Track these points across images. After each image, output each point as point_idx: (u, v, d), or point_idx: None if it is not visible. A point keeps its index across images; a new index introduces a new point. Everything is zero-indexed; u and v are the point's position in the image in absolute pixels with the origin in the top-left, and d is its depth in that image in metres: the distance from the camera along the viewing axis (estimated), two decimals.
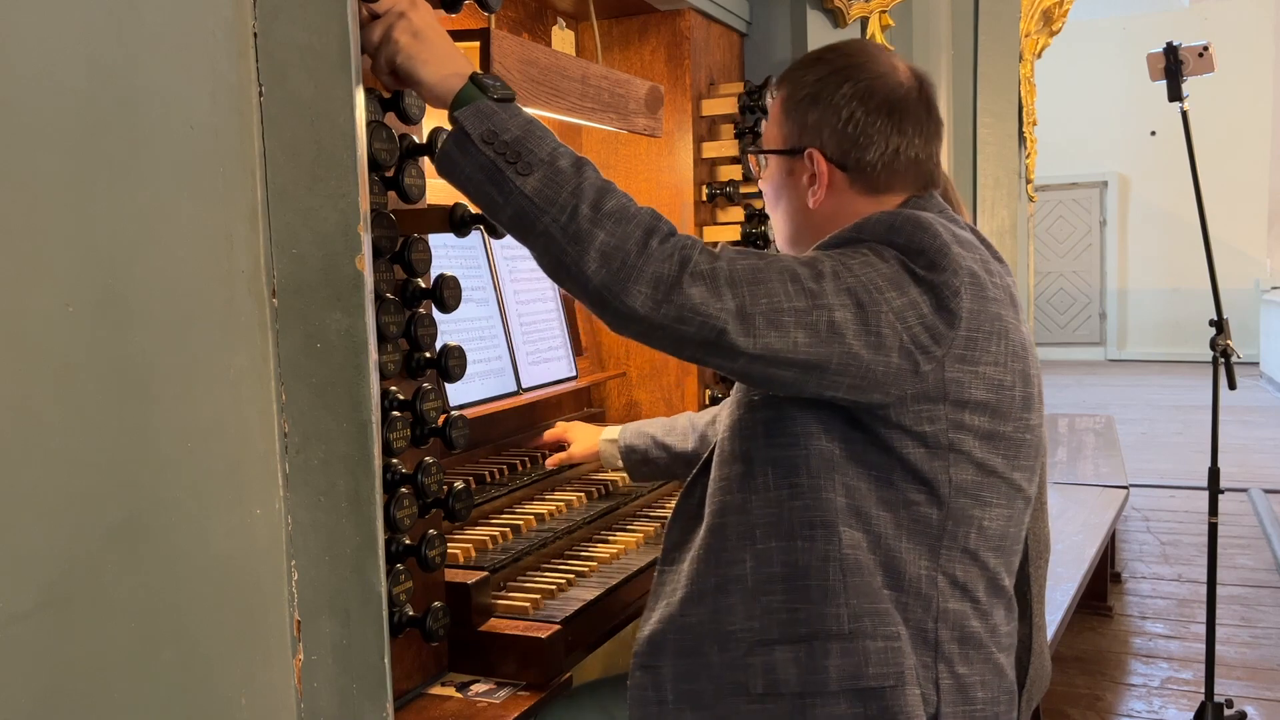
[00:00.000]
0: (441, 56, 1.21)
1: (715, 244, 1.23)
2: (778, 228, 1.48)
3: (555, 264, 1.17)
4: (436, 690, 1.39)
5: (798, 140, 1.39)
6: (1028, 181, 5.05)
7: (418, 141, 1.34)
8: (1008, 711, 1.34)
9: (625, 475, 1.97)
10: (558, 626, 1.44)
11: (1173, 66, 3.00)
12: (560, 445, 2.01)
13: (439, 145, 1.20)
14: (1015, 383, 1.28)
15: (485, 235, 1.78)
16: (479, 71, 1.21)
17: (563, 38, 2.29)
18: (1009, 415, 1.28)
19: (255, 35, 1.08)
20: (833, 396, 1.22)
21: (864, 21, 2.97)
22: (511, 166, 1.15)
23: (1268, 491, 6.15)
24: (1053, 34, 4.93)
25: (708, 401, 2.35)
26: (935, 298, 1.21)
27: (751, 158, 1.50)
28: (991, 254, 1.34)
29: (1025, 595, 1.90)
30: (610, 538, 1.82)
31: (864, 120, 1.35)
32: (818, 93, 1.37)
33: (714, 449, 1.39)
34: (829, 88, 1.36)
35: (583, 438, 1.96)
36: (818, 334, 1.17)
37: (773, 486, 1.29)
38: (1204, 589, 3.25)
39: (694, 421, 1.86)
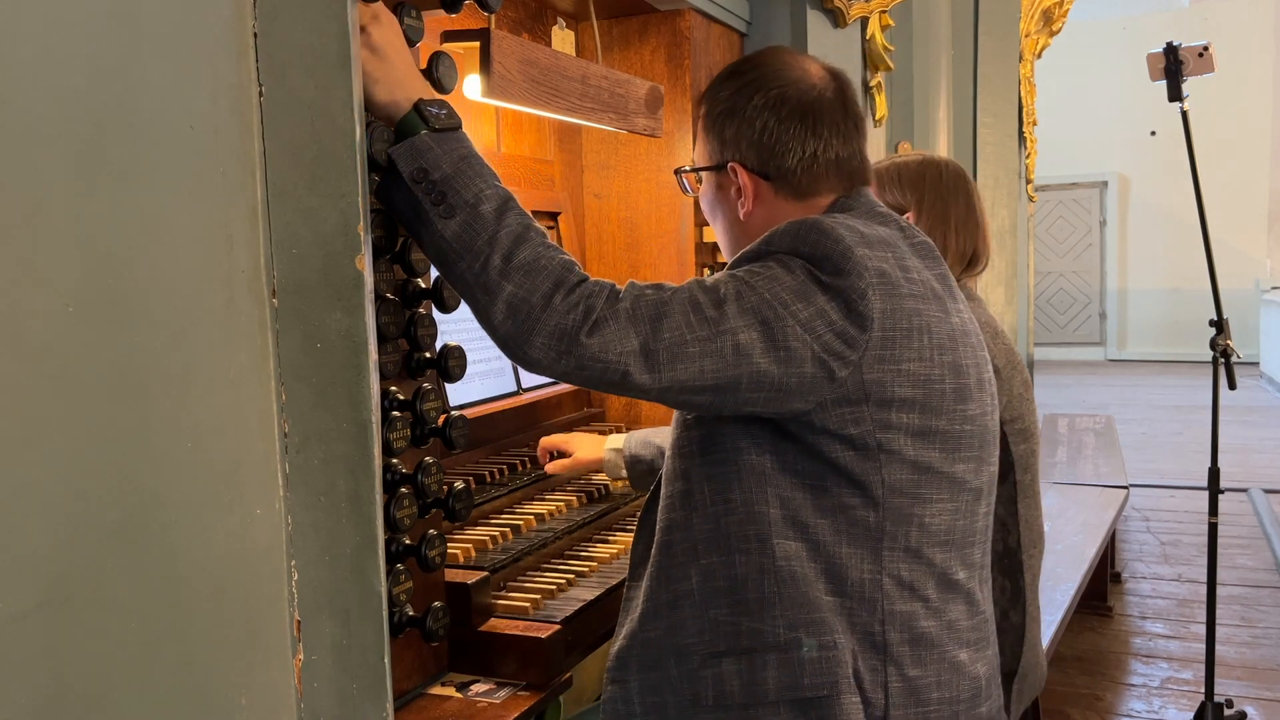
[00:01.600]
0: (394, 78, 1.21)
1: (623, 285, 1.24)
2: (720, 241, 1.50)
3: (471, 306, 1.22)
4: (436, 690, 1.39)
5: (720, 155, 1.41)
6: (1028, 181, 5.06)
7: None
8: (970, 709, 1.34)
9: (616, 481, 1.95)
10: (558, 626, 1.44)
11: (1173, 66, 3.00)
12: (560, 452, 1.98)
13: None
14: (944, 375, 1.29)
15: None
16: (424, 99, 1.21)
17: (563, 38, 2.29)
18: (940, 409, 1.29)
19: (255, 35, 1.08)
20: (752, 411, 1.25)
21: (864, 21, 2.97)
22: (435, 209, 1.18)
23: (1268, 491, 6.15)
24: (1053, 34, 4.94)
25: None
26: (843, 302, 1.23)
27: (688, 175, 1.52)
28: (915, 248, 1.34)
29: (1019, 584, 1.91)
30: (610, 538, 1.82)
31: (777, 128, 1.36)
32: (732, 107, 1.39)
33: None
34: (741, 101, 1.38)
35: (585, 447, 1.94)
36: (724, 359, 1.19)
37: (710, 503, 1.31)
38: (1204, 589, 3.25)
39: None
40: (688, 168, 1.51)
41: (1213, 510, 3.08)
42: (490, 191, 1.20)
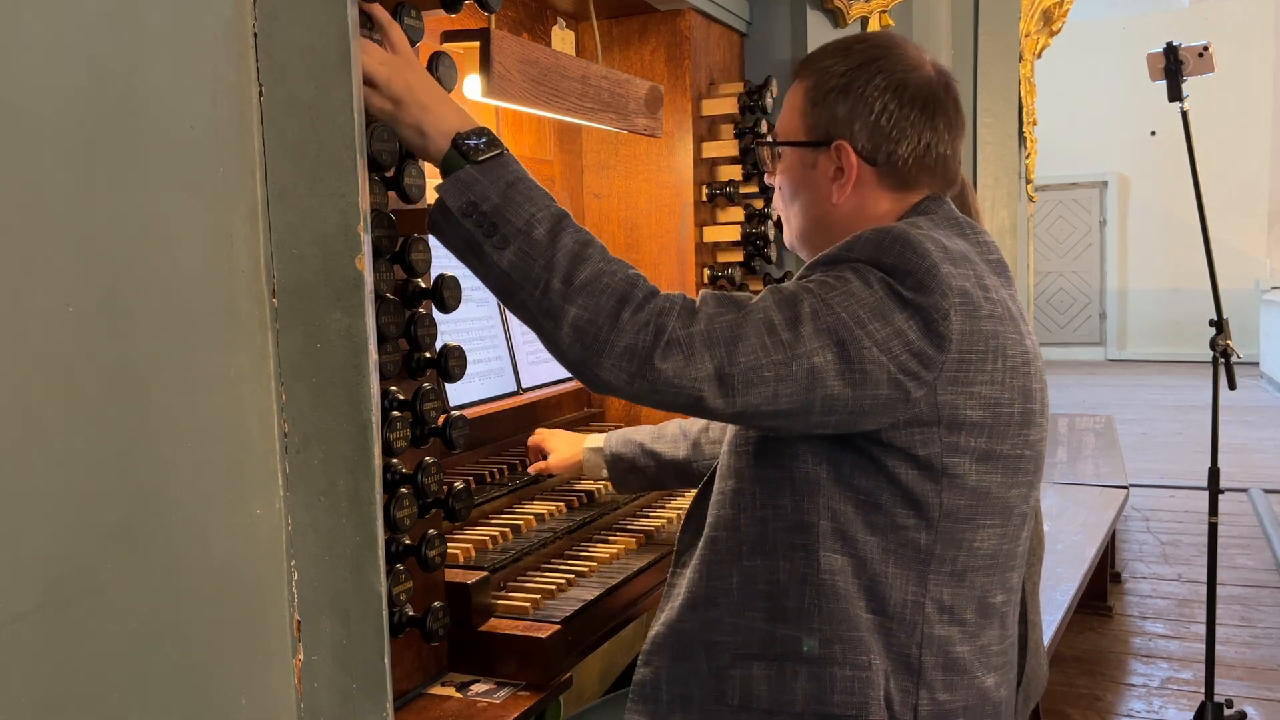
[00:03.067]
0: (423, 120, 1.20)
1: (696, 298, 1.21)
2: (792, 223, 1.43)
3: (539, 336, 1.20)
4: (436, 690, 1.39)
5: (825, 132, 1.34)
6: (1028, 181, 5.05)
7: None
8: None
9: (598, 482, 1.93)
10: (558, 626, 1.44)
11: (1173, 66, 3.00)
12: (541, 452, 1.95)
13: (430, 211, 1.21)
14: (1014, 399, 1.26)
15: None
16: (460, 133, 1.20)
17: (563, 38, 2.29)
18: (1006, 434, 1.26)
19: (255, 35, 1.08)
20: (823, 432, 1.22)
21: (864, 21, 2.97)
22: (489, 240, 1.16)
23: (1268, 491, 6.14)
24: (1053, 34, 4.93)
25: None
26: (923, 321, 1.19)
27: (765, 150, 1.44)
28: (991, 266, 1.31)
29: (1020, 593, 1.90)
30: (610, 538, 1.82)
31: (898, 114, 1.31)
32: (849, 84, 1.32)
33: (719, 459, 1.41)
34: (861, 79, 1.32)
35: (562, 446, 1.90)
36: (798, 383, 1.16)
37: (759, 506, 1.29)
38: (1204, 589, 3.25)
39: (684, 429, 1.81)
40: (779, 140, 1.41)
41: (1213, 510, 3.08)
42: (542, 214, 1.17)
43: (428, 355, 1.33)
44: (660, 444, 1.81)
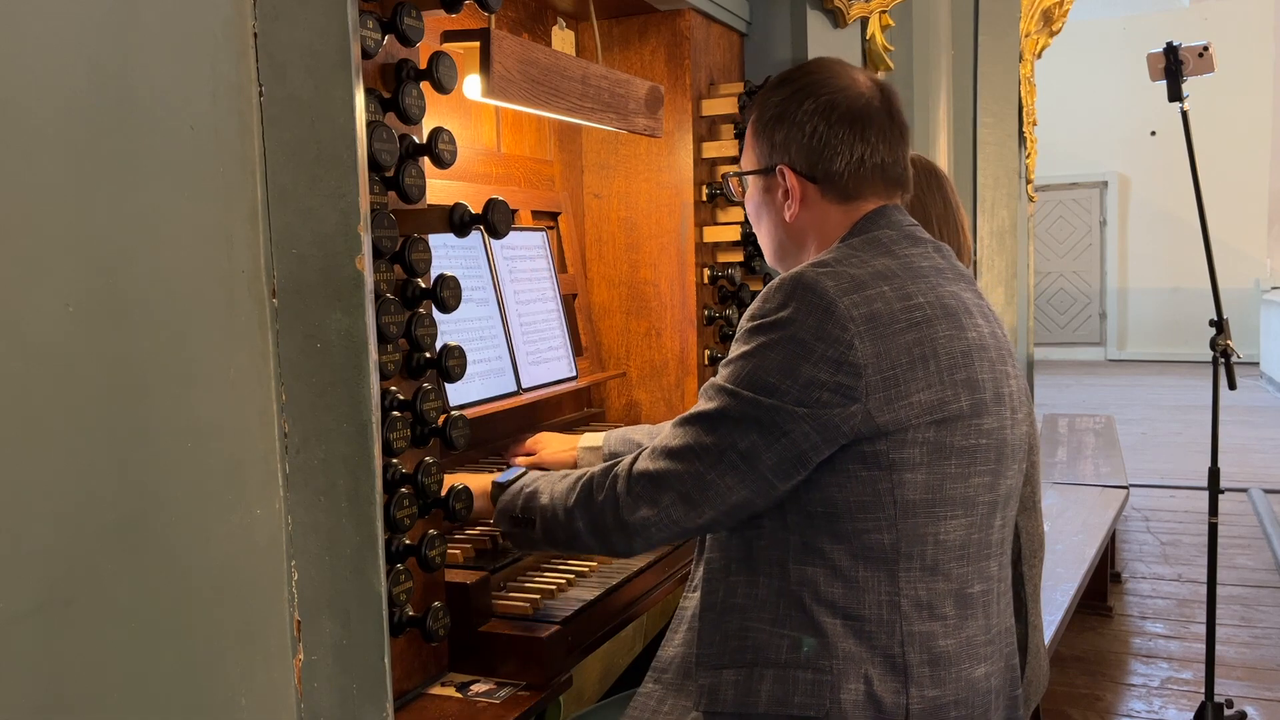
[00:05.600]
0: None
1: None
2: (763, 244, 1.56)
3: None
4: (436, 690, 1.39)
5: (769, 159, 1.47)
6: (1028, 181, 5.06)
7: (418, 142, 1.34)
8: None
9: None
10: (558, 626, 1.44)
11: (1173, 66, 3.00)
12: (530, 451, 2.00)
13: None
14: (959, 394, 1.30)
15: (485, 235, 1.78)
16: (496, 484, 1.55)
17: (563, 38, 2.29)
18: (956, 427, 1.30)
19: (255, 35, 1.08)
20: (795, 483, 1.30)
21: (864, 21, 2.97)
22: (525, 530, 1.48)
23: (1268, 491, 6.14)
24: (1053, 34, 4.94)
25: None
26: (831, 359, 1.26)
27: (734, 180, 1.59)
28: (928, 270, 1.36)
29: (1020, 595, 1.90)
30: None
31: (826, 133, 1.41)
32: (782, 113, 1.45)
33: None
34: (792, 106, 1.44)
35: (553, 445, 1.97)
36: (738, 471, 1.29)
37: (744, 525, 1.36)
38: (1204, 589, 3.25)
39: None
40: (735, 172, 1.57)
41: (1213, 510, 3.08)
42: (541, 504, 1.45)
43: (428, 355, 1.33)
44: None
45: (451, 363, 1.34)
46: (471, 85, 1.63)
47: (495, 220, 1.40)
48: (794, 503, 1.31)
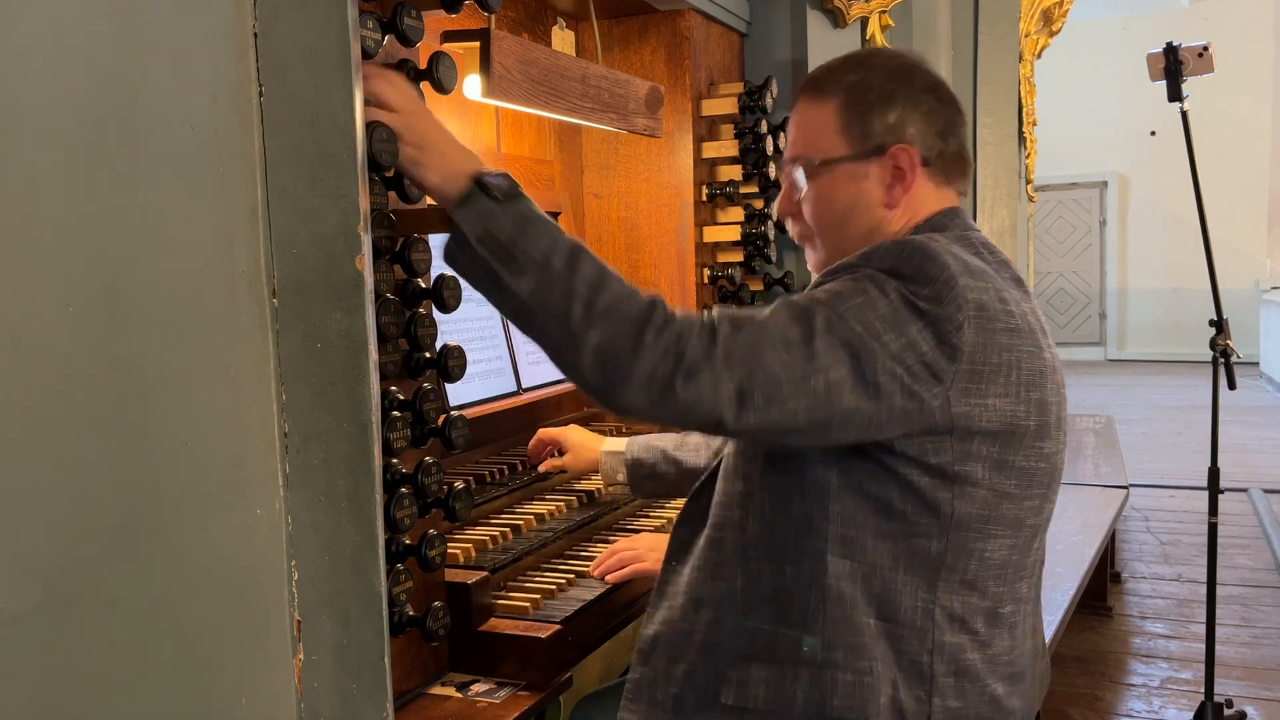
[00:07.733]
0: (444, 161, 1.23)
1: (712, 315, 1.20)
2: (835, 237, 1.38)
3: (556, 361, 1.22)
4: (436, 690, 1.39)
5: (878, 139, 1.33)
6: (1028, 181, 5.05)
7: None
8: None
9: (607, 487, 1.94)
10: (558, 626, 1.44)
11: (1173, 66, 3.00)
12: (553, 446, 1.95)
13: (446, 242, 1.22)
14: (1030, 412, 1.26)
15: None
16: (483, 173, 1.21)
17: (563, 38, 2.29)
18: (1020, 445, 1.27)
19: (255, 35, 1.08)
20: (842, 443, 1.23)
21: (864, 21, 2.97)
22: (506, 269, 1.17)
23: (1268, 491, 6.14)
24: (1053, 34, 4.93)
25: None
26: (937, 332, 1.19)
27: (804, 174, 1.38)
28: (1010, 278, 1.32)
29: (1030, 603, 1.90)
30: (610, 538, 1.82)
31: (941, 111, 1.35)
32: (891, 92, 1.33)
33: (723, 458, 1.40)
34: (902, 84, 1.34)
35: (579, 447, 1.90)
36: (816, 398, 1.16)
37: (768, 510, 1.30)
38: (1204, 589, 3.25)
39: (707, 438, 1.80)
40: (817, 159, 1.36)
41: (1213, 510, 3.08)
42: (558, 246, 1.18)
43: (428, 355, 1.33)
44: (683, 451, 1.81)
45: (451, 363, 1.34)
46: (471, 85, 1.63)
47: None
48: (848, 491, 1.24)
